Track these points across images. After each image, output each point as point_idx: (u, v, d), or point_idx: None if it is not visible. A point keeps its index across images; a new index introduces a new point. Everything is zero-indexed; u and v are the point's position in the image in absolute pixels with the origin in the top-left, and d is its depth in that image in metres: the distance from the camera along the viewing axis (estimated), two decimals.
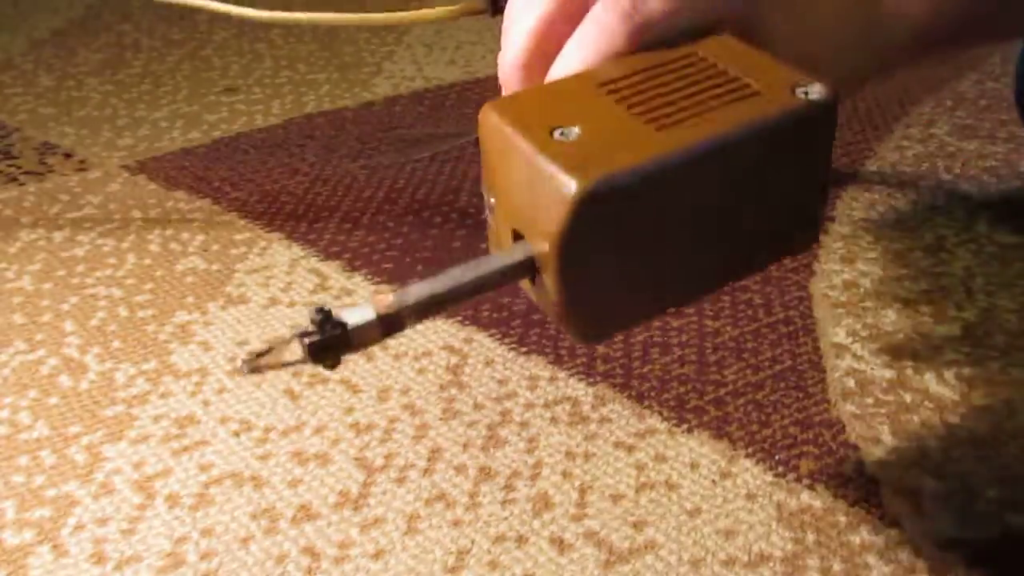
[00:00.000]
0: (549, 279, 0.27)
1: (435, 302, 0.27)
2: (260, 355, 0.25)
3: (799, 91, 0.28)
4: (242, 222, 0.63)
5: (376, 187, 0.66)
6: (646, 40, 0.31)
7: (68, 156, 0.74)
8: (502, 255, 0.28)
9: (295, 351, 0.25)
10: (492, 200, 0.30)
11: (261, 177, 0.69)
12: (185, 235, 0.62)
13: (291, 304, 0.54)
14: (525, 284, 0.29)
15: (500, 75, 0.34)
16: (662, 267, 0.29)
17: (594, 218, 0.26)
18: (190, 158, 0.73)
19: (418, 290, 0.27)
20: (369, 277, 0.56)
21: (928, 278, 0.53)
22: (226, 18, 1.08)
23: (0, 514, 0.41)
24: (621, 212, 0.27)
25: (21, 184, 0.70)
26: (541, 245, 0.27)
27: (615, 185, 0.26)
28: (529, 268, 0.28)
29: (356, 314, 0.26)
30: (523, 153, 0.27)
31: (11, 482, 0.43)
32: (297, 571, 0.38)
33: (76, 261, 0.60)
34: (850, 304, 0.51)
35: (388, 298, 0.26)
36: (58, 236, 0.63)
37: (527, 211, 0.27)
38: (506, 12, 0.34)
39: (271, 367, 0.25)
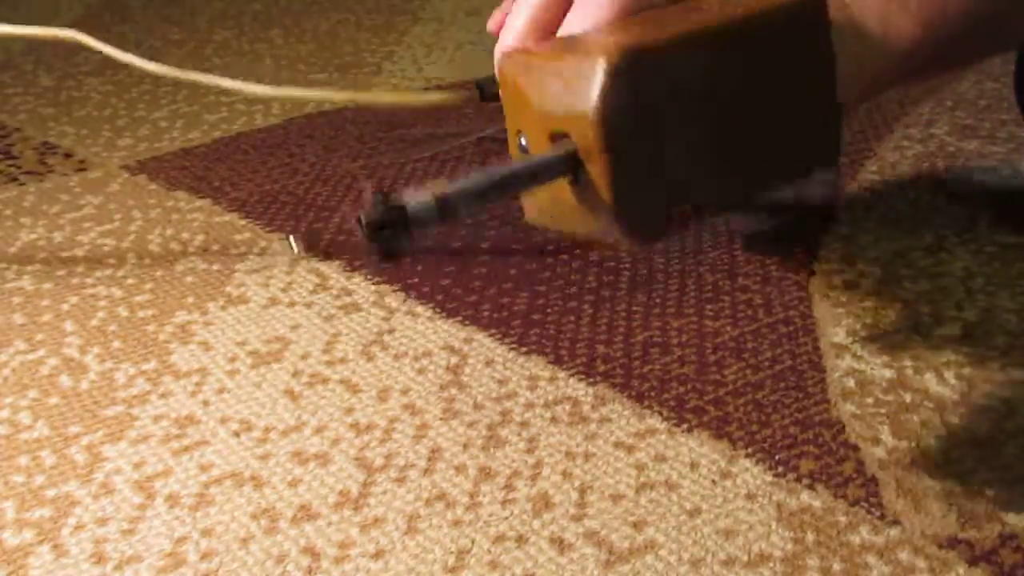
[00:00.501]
0: (594, 166, 0.28)
1: (487, 188, 0.28)
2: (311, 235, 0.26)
3: None
4: (242, 222, 0.63)
5: (376, 187, 0.66)
6: (635, 11, 0.33)
7: (68, 156, 0.74)
8: (545, 152, 0.29)
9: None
10: (523, 140, 0.30)
11: (261, 177, 0.69)
12: (185, 235, 0.62)
13: (291, 304, 0.54)
14: (563, 197, 0.30)
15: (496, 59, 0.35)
16: (699, 155, 0.30)
17: (627, 91, 0.27)
18: (190, 158, 0.73)
19: (471, 177, 0.28)
20: (369, 277, 0.56)
21: (928, 278, 0.53)
22: (226, 18, 1.08)
23: (0, 514, 0.41)
24: (651, 87, 0.28)
25: (21, 184, 0.70)
26: (583, 132, 0.28)
27: (641, 57, 0.28)
28: (572, 163, 0.29)
29: (414, 196, 0.26)
30: (547, 66, 0.29)
31: (11, 482, 0.43)
32: (297, 571, 0.38)
33: (76, 261, 0.60)
34: (850, 304, 0.51)
35: (443, 182, 0.27)
36: (58, 236, 0.63)
37: (562, 111, 0.29)
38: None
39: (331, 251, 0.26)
